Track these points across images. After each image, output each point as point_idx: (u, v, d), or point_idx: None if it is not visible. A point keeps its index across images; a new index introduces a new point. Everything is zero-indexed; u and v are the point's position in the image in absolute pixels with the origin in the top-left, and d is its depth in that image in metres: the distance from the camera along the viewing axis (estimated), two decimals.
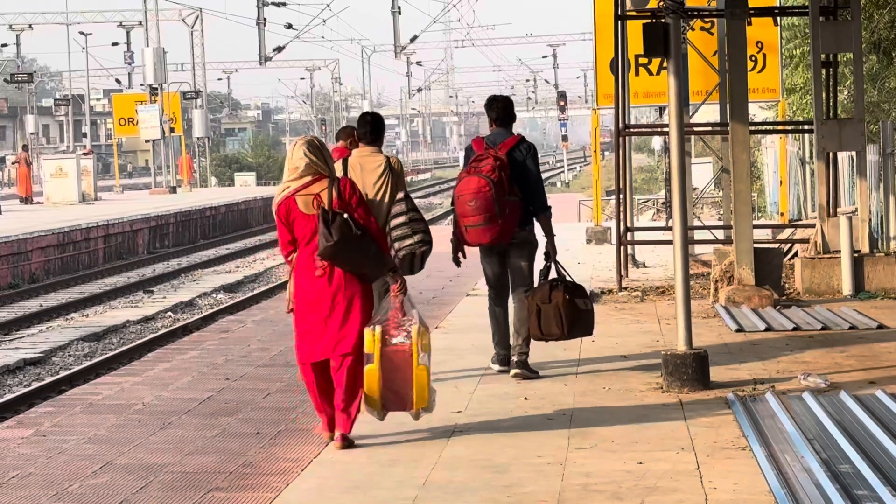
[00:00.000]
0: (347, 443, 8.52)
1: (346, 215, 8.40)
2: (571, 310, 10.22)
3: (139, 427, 9.43)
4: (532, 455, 8.19)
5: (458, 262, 10.75)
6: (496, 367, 11.03)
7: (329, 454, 8.42)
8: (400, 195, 9.85)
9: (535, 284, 10.51)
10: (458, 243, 10.63)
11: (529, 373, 10.68)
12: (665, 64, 11.08)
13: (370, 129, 9.98)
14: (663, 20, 10.83)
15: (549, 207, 10.78)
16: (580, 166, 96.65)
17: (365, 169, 10.03)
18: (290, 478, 7.87)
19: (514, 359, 10.71)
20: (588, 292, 10.58)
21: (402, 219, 9.41)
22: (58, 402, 10.68)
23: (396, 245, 9.32)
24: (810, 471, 7.52)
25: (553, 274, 10.40)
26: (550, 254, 10.46)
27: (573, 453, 8.21)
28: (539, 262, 10.67)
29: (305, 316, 8.53)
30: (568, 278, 10.41)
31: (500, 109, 10.77)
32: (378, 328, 8.33)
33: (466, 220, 10.32)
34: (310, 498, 7.45)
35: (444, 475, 7.78)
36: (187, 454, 8.56)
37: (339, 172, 9.50)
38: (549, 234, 10.63)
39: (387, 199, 9.82)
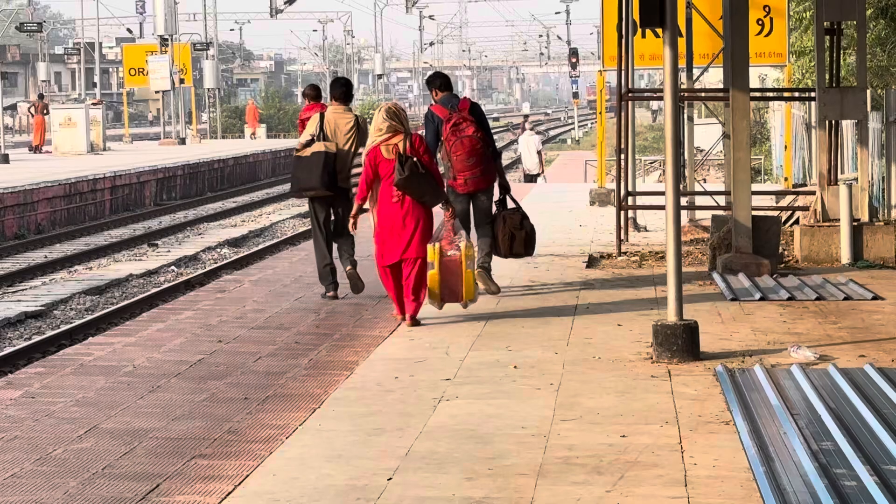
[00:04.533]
0: (416, 322, 11.62)
1: (415, 159, 11.40)
2: (531, 235, 12.84)
3: (128, 390, 9.45)
4: (517, 426, 8.21)
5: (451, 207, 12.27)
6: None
7: (314, 421, 8.45)
8: (362, 150, 12.26)
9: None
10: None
11: (488, 275, 12.97)
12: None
13: (343, 90, 12.48)
14: None
15: (500, 153, 13.34)
16: (591, 122, 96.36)
17: (338, 124, 12.84)
18: (274, 445, 7.90)
19: (480, 262, 12.77)
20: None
21: (359, 169, 11.93)
22: (49, 363, 10.69)
23: (353, 189, 12.16)
24: (791, 448, 7.54)
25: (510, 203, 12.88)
26: (506, 188, 12.91)
27: (557, 425, 8.23)
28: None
29: (384, 231, 11.55)
30: (521, 209, 12.91)
31: (442, 78, 13.08)
32: (437, 245, 11.50)
33: (466, 173, 12.54)
34: (292, 466, 7.48)
35: (427, 446, 7.81)
36: (174, 419, 8.58)
37: (315, 124, 12.82)
38: (502, 174, 13.06)
39: (353, 150, 12.85)
